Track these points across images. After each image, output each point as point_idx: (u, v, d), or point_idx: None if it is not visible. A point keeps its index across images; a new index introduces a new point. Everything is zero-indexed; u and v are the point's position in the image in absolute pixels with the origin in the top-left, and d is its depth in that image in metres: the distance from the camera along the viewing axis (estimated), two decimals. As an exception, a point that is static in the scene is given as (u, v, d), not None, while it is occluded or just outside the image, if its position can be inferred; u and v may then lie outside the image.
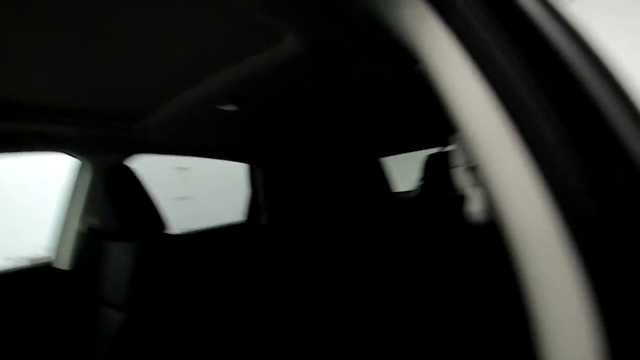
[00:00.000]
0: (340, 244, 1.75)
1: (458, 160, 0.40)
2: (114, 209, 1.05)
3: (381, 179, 1.87)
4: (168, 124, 1.21)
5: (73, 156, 1.31)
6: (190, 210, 4.53)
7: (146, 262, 0.98)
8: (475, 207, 0.35)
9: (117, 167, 1.13)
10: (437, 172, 1.56)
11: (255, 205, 2.22)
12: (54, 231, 1.37)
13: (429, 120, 1.47)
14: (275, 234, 1.88)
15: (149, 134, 1.31)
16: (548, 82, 0.29)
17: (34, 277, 1.20)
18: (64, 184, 1.40)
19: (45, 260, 1.34)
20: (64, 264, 1.32)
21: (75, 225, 1.34)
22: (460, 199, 0.39)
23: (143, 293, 0.95)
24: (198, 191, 4.61)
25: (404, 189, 2.26)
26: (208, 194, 4.56)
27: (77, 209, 1.35)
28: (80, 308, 1.13)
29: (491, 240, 0.36)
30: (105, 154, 1.35)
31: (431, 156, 1.70)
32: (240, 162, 1.98)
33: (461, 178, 0.39)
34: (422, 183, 1.72)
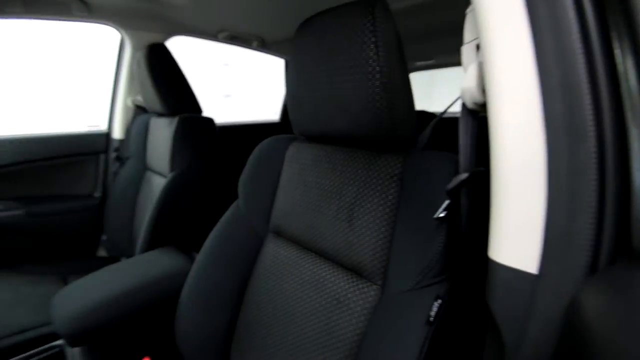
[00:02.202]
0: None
1: (467, 36, 0.37)
2: (155, 87, 1.12)
3: None
4: (203, 2, 1.17)
5: (116, 29, 1.36)
6: (230, 107, 4.67)
7: (184, 137, 1.09)
8: (468, 83, 0.34)
9: (156, 44, 1.17)
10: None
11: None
12: (107, 103, 1.53)
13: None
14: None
15: (185, 12, 1.30)
16: None
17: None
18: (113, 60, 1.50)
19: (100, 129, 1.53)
20: (117, 133, 1.51)
21: (123, 99, 1.48)
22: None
23: (180, 162, 1.08)
24: (238, 89, 4.65)
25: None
26: (247, 91, 4.59)
27: (124, 84, 1.46)
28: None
29: None
30: (146, 30, 1.38)
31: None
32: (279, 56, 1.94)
33: (465, 54, 0.37)
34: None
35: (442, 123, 0.61)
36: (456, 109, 0.48)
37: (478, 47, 0.35)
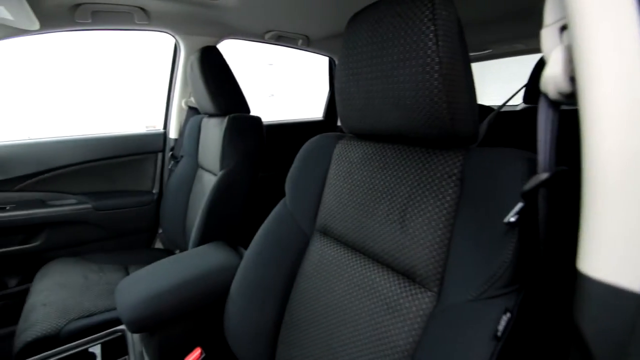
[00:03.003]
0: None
1: (548, 17, 0.33)
2: (207, 88, 1.17)
3: None
4: (252, 4, 1.20)
5: (172, 35, 1.45)
6: (274, 106, 4.78)
7: (233, 136, 1.13)
8: (553, 69, 0.30)
9: (209, 47, 1.21)
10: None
11: (334, 103, 2.24)
12: (164, 106, 1.64)
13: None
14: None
15: (235, 15, 1.34)
16: None
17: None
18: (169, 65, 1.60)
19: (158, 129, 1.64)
20: (173, 133, 1.61)
21: (178, 101, 1.57)
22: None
23: (230, 161, 1.12)
24: (281, 88, 4.75)
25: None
26: (290, 91, 4.68)
27: (178, 86, 1.56)
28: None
29: None
30: (199, 35, 1.45)
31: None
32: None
33: (547, 38, 0.33)
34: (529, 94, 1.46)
35: (498, 117, 0.56)
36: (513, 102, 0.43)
37: (563, 28, 0.31)
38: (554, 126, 0.33)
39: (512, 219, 0.37)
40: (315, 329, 0.62)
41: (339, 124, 2.25)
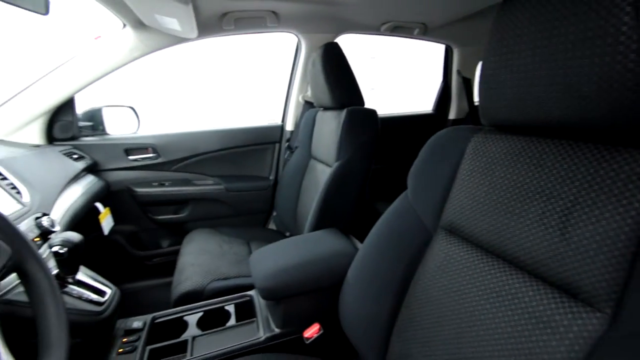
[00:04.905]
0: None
1: None
2: (327, 82, 1.22)
3: None
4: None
5: (296, 35, 1.56)
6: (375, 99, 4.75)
7: (351, 128, 1.17)
8: None
9: (331, 43, 1.26)
10: None
11: (446, 95, 2.09)
12: (283, 101, 1.79)
13: None
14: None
15: (354, 9, 1.36)
16: None
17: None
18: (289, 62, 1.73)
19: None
20: (289, 126, 1.75)
21: (295, 96, 1.70)
22: None
23: (345, 152, 1.16)
24: (383, 81, 4.67)
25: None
26: (392, 84, 4.57)
27: (297, 82, 1.68)
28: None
29: None
30: (318, 32, 1.53)
31: None
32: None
33: None
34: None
35: None
36: None
37: None
38: None
39: None
40: (440, 329, 0.60)
41: (450, 117, 2.09)
